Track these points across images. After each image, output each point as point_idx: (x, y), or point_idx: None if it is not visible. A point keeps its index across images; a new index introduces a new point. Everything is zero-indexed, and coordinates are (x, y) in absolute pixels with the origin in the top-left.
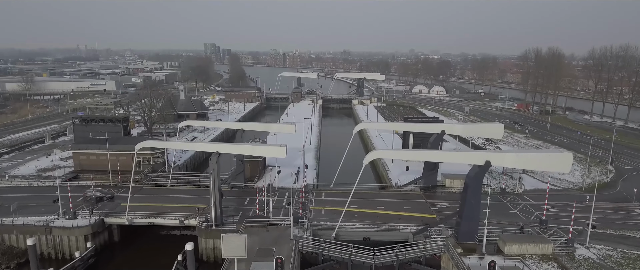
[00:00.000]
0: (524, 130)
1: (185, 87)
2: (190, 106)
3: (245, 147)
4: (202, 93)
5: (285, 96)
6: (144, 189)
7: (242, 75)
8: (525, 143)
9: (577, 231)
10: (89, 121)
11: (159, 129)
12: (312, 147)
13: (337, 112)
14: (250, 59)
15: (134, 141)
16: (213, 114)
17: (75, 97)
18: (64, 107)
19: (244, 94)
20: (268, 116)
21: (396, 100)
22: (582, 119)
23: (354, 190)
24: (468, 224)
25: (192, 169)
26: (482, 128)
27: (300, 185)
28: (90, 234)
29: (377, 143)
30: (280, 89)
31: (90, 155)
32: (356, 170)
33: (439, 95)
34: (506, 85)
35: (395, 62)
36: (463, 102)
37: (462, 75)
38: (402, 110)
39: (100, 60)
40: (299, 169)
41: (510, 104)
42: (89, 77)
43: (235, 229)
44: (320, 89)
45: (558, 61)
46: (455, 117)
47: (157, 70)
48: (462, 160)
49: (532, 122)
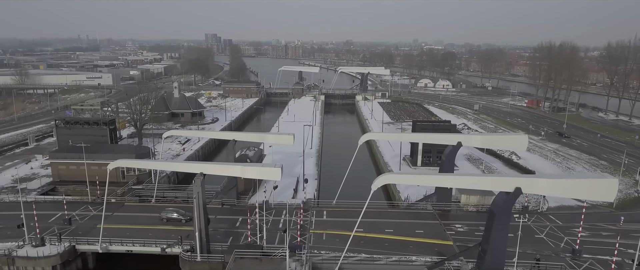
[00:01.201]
0: (539, 132)
1: (179, 84)
2: (184, 104)
3: (233, 168)
4: (201, 87)
5: (286, 91)
6: (126, 206)
7: (243, 67)
8: (542, 147)
9: (617, 265)
10: (73, 124)
11: (151, 129)
12: (313, 150)
13: (340, 108)
14: (252, 49)
15: (119, 150)
16: (210, 111)
17: (68, 92)
18: (56, 103)
19: (243, 89)
20: (268, 112)
21: (401, 96)
22: (597, 117)
23: (361, 217)
24: (494, 259)
25: (182, 178)
26: (504, 140)
27: (299, 200)
28: (60, 264)
29: (384, 148)
30: (281, 83)
31: (69, 165)
32: (361, 183)
33: (445, 90)
34: (513, 78)
35: (398, 52)
36: (471, 98)
37: (467, 67)
38: (408, 108)
39: (100, 51)
40: (299, 179)
41: (519, 99)
42: (87, 70)
43: (223, 261)
44: (322, 83)
45: (572, 55)
46: (464, 116)
47: (157, 62)
48: (487, 186)
49: (546, 122)
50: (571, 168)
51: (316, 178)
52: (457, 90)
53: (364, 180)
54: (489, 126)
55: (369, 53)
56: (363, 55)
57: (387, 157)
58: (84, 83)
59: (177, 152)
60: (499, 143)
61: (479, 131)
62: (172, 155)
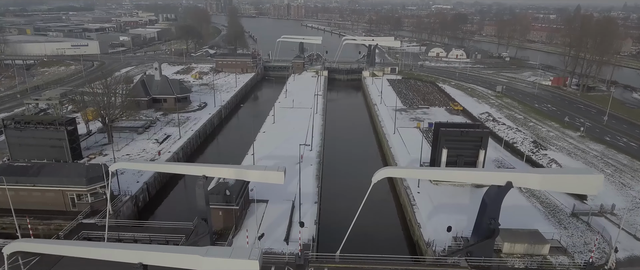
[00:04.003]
0: (576, 125)
1: (161, 65)
2: (167, 88)
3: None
4: (193, 58)
5: (285, 65)
6: (66, 261)
7: (241, 33)
8: (585, 150)
9: None
10: (25, 124)
11: (126, 118)
12: (313, 154)
13: (345, 84)
14: (253, 9)
15: (68, 172)
16: (198, 93)
17: (48, 64)
18: (33, 78)
19: (238, 63)
20: (265, 89)
21: (413, 72)
22: (632, 98)
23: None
24: None
25: (158, 191)
26: (571, 181)
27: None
28: None
29: (398, 151)
30: (281, 53)
31: None
32: (374, 218)
33: (459, 60)
34: (530, 44)
35: (406, 13)
36: (488, 73)
37: (480, 32)
38: (421, 88)
39: (94, 10)
40: (294, 203)
41: (542, 74)
42: (74, 35)
43: None
44: (325, 55)
45: (608, 25)
46: (486, 101)
47: (151, 26)
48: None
49: (578, 109)
50: (627, 185)
51: (316, 201)
52: (472, 61)
53: (375, 217)
54: (517, 116)
55: (375, 14)
56: (369, 17)
57: (402, 164)
58: (66, 53)
59: (152, 157)
60: (565, 185)
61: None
62: (145, 161)
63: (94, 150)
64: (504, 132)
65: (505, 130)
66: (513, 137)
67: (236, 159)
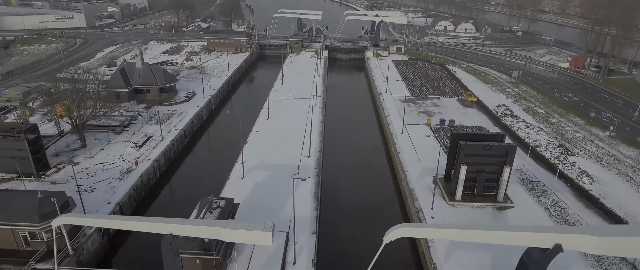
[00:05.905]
0: (603, 122)
1: (141, 52)
2: (149, 77)
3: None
4: (184, 34)
5: (283, 43)
6: None
7: (236, 4)
8: (617, 157)
9: None
10: None
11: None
12: (311, 161)
13: (347, 64)
14: None
15: (17, 206)
16: (187, 79)
17: (29, 41)
18: (10, 60)
19: (231, 41)
20: (261, 72)
21: (420, 52)
22: None
23: None
24: None
25: (135, 210)
26: (629, 244)
27: None
28: None
29: (408, 160)
30: (278, 30)
31: None
32: None
33: (468, 35)
34: (541, 15)
35: None
36: (499, 49)
37: (488, 1)
38: (429, 71)
39: None
40: (288, 235)
41: (557, 52)
42: (62, 5)
43: None
44: (326, 30)
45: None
46: (502, 88)
47: None
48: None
49: (603, 98)
50: None
51: (314, 231)
52: (482, 35)
53: None
54: (538, 111)
55: None
56: None
57: (412, 177)
58: (49, 26)
59: (129, 167)
60: (622, 248)
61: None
62: (121, 172)
63: (64, 156)
64: (525, 132)
65: (526, 129)
66: (536, 138)
67: (222, 172)
